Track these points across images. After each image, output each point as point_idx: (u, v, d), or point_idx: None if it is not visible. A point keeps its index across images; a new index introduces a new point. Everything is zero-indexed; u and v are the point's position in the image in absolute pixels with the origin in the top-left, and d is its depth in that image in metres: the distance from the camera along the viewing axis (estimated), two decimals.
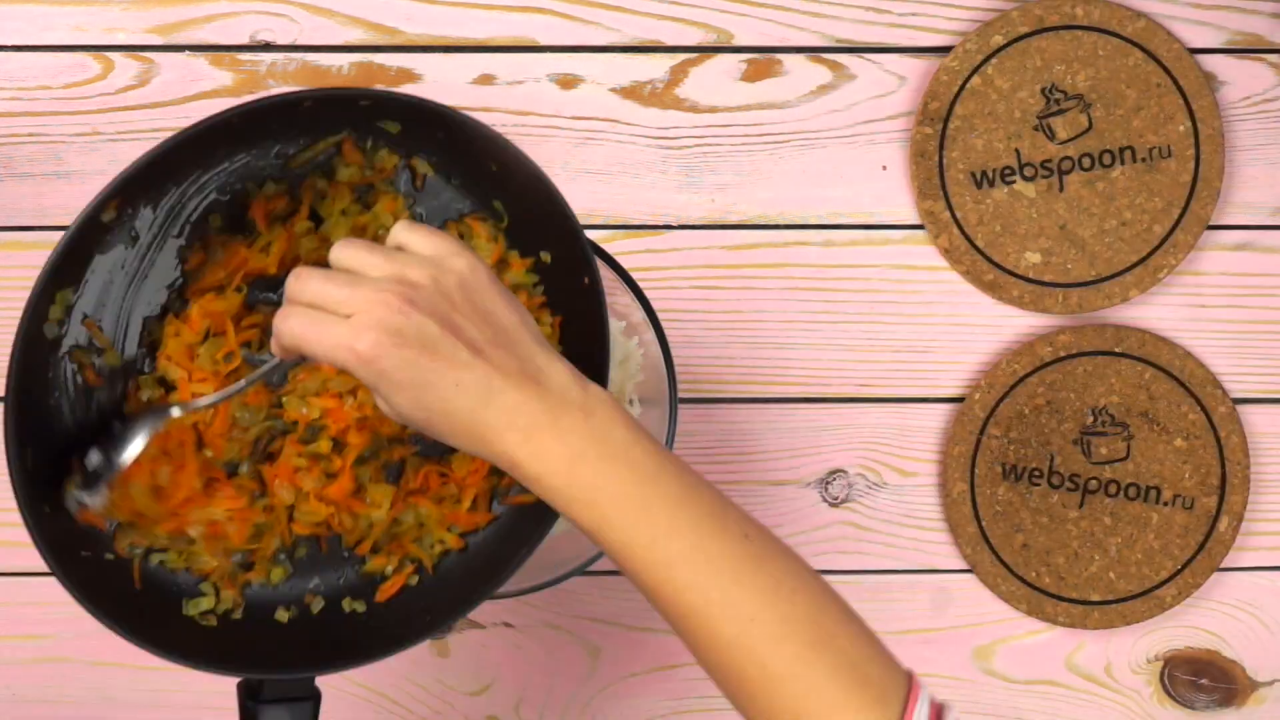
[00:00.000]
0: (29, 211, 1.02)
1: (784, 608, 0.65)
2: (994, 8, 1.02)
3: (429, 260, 0.65)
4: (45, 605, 1.04)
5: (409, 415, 0.64)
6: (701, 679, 1.06)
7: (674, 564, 0.65)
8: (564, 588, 1.04)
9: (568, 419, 0.65)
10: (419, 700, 1.06)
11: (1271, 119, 1.04)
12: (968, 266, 1.03)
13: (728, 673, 0.66)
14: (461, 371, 0.63)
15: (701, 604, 0.65)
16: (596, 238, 0.91)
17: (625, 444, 0.65)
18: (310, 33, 1.00)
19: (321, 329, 0.63)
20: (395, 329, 0.62)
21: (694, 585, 0.64)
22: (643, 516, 0.65)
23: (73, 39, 1.00)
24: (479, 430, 0.64)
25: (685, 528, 0.65)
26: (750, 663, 0.65)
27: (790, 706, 0.64)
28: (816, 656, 0.65)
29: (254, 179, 0.68)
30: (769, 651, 0.64)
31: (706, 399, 1.04)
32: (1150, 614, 1.05)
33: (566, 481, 0.64)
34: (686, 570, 0.64)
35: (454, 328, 0.63)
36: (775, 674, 0.64)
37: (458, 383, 0.63)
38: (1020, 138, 1.02)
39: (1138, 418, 1.04)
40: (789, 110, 1.02)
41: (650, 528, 0.65)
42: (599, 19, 1.01)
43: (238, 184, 0.69)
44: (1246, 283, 1.05)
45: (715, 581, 0.65)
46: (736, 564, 0.65)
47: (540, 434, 0.64)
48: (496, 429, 0.64)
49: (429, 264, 0.65)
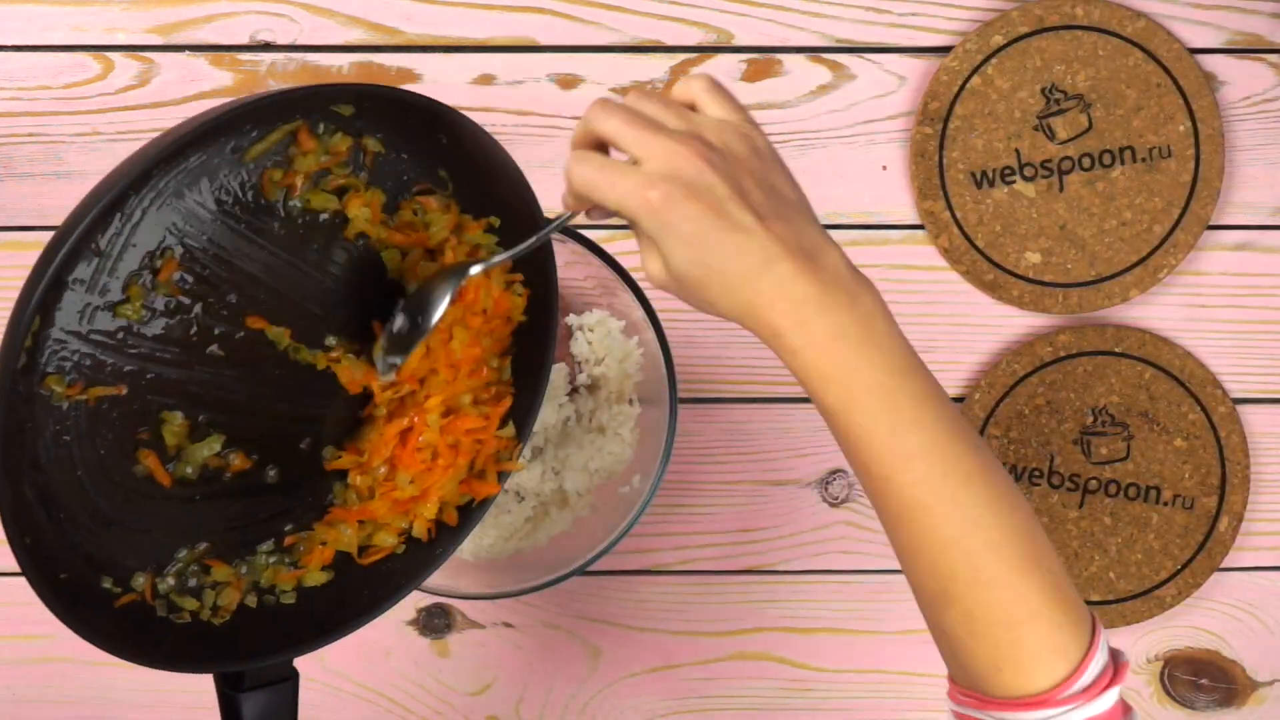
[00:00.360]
0: (29, 211, 1.02)
1: (1006, 518, 0.66)
2: (994, 8, 1.02)
3: (723, 124, 0.66)
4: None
5: (684, 270, 0.65)
6: (701, 679, 1.07)
7: (911, 456, 0.66)
8: (564, 588, 1.04)
9: (836, 298, 0.65)
10: (419, 700, 1.06)
11: (1271, 119, 1.04)
12: (968, 266, 1.03)
13: (939, 571, 0.67)
14: (744, 236, 0.64)
15: (932, 501, 0.66)
16: (596, 238, 0.91)
17: (885, 334, 0.66)
18: (310, 33, 1.00)
19: (615, 175, 0.64)
20: (688, 181, 0.64)
21: (927, 480, 0.66)
22: (891, 403, 0.66)
23: (73, 39, 1.00)
24: (750, 295, 0.65)
25: (928, 424, 0.66)
26: (965, 564, 0.66)
27: (996, 610, 0.66)
28: (1028, 568, 0.66)
29: (209, 175, 0.68)
30: (986, 555, 0.66)
31: (706, 399, 1.04)
32: (1150, 614, 1.05)
33: (825, 357, 0.65)
34: (922, 464, 0.66)
35: (742, 191, 0.65)
36: (988, 577, 0.66)
37: (739, 246, 0.64)
38: (1020, 138, 1.02)
39: (1138, 418, 1.04)
40: (789, 110, 1.02)
41: (896, 416, 0.66)
42: (599, 19, 1.01)
43: (191, 183, 0.68)
44: (1246, 283, 1.05)
45: (947, 481, 0.66)
46: (968, 469, 0.66)
47: (807, 308, 0.65)
48: (768, 296, 0.65)
49: (723, 127, 0.66)
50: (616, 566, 1.05)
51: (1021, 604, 0.66)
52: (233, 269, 0.69)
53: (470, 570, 0.95)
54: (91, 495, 0.67)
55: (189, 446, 0.70)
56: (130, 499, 0.68)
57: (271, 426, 0.72)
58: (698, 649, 1.06)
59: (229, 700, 0.72)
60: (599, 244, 0.89)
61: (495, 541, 0.95)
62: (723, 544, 1.05)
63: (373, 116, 0.71)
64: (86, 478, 0.66)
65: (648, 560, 1.06)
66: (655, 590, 1.06)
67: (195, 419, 0.70)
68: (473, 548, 0.95)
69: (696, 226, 0.64)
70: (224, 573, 0.72)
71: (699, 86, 0.68)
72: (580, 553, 0.92)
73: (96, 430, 0.66)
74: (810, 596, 1.06)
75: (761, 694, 1.07)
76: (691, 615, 1.06)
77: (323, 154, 0.71)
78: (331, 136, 0.71)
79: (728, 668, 1.06)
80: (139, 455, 0.68)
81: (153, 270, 0.66)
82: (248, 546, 0.73)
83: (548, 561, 0.94)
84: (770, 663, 1.06)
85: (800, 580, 1.06)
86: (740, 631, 1.06)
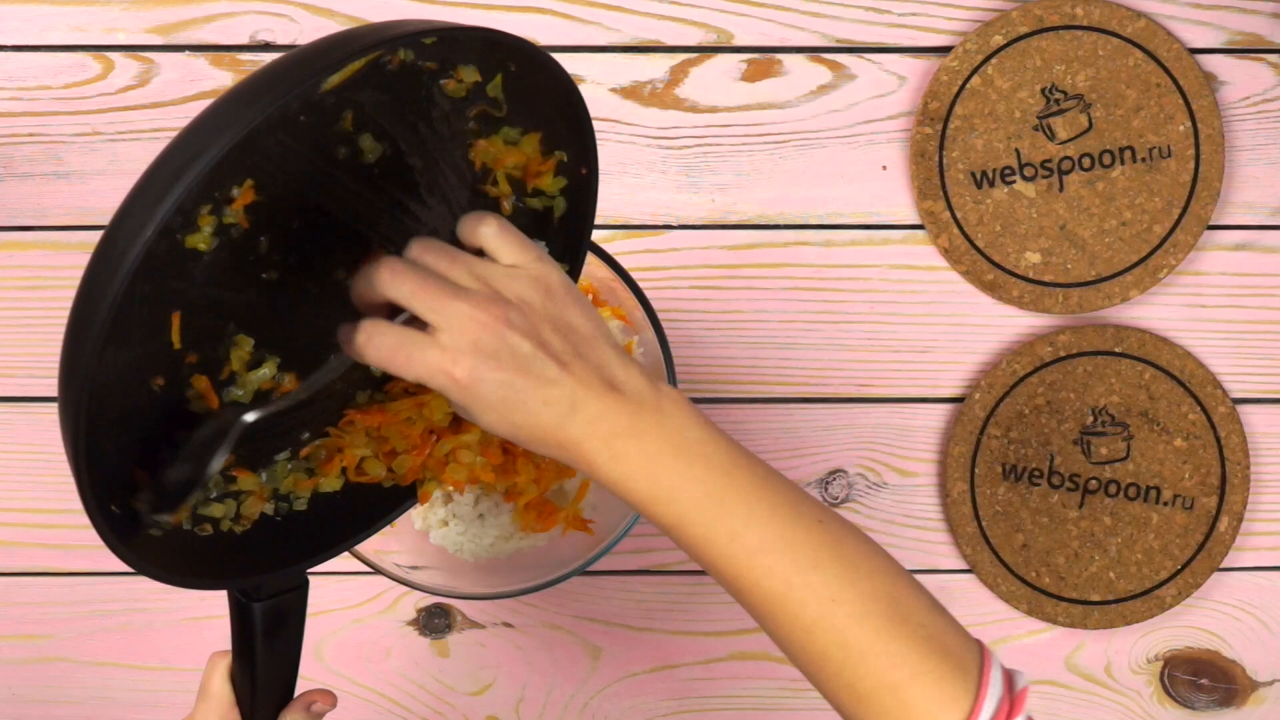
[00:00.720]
0: (29, 211, 1.02)
1: (863, 586, 0.67)
2: (994, 8, 1.02)
3: (514, 272, 0.66)
4: (45, 605, 1.05)
5: (494, 428, 0.66)
6: (701, 679, 1.07)
7: (754, 553, 0.67)
8: (564, 588, 1.04)
9: (644, 421, 0.67)
10: (419, 700, 1.06)
11: (1271, 119, 1.04)
12: (968, 266, 1.03)
13: (810, 654, 0.68)
14: (549, 389, 0.65)
15: (783, 590, 0.67)
16: (597, 238, 0.91)
17: (700, 441, 0.67)
18: (310, 33, 1.00)
19: (414, 351, 0.64)
20: (492, 352, 0.64)
21: (774, 572, 0.67)
22: (721, 510, 0.67)
23: (73, 39, 1.00)
24: (562, 441, 0.66)
25: (762, 518, 0.67)
26: (833, 642, 0.67)
27: (875, 679, 0.66)
28: (897, 630, 0.66)
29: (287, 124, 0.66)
30: (851, 629, 0.66)
31: (706, 399, 1.04)
32: (1150, 614, 1.05)
33: (647, 482, 0.67)
34: (766, 558, 0.67)
35: (542, 343, 0.65)
36: (858, 650, 0.66)
37: (545, 400, 0.65)
38: (1020, 138, 1.02)
39: (1138, 418, 1.04)
40: (789, 110, 1.02)
41: (729, 520, 0.67)
42: (599, 19, 1.01)
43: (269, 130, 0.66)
44: (1246, 283, 1.05)
45: (795, 567, 0.67)
46: (814, 549, 0.67)
47: (619, 440, 0.66)
48: (578, 439, 0.66)
49: (515, 276, 0.66)
50: (616, 566, 1.05)
51: (899, 667, 0.66)
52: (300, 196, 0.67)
53: (470, 570, 0.95)
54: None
55: (245, 372, 0.69)
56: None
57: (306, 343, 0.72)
58: (698, 649, 1.06)
59: (244, 610, 0.72)
60: (599, 244, 0.89)
61: (495, 541, 0.95)
62: None
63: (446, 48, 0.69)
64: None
65: (648, 560, 1.06)
66: (655, 590, 1.06)
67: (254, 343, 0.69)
68: (473, 548, 0.95)
69: (504, 393, 0.65)
70: (250, 481, 0.72)
71: (487, 232, 0.68)
72: (580, 553, 0.92)
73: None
74: None
75: (761, 694, 1.07)
76: (691, 615, 1.06)
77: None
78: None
79: (728, 668, 1.06)
80: (192, 380, 0.67)
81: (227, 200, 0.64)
82: (266, 456, 0.73)
83: (548, 561, 0.94)
84: (770, 663, 1.06)
85: None
86: (740, 631, 1.06)
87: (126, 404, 0.66)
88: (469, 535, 0.95)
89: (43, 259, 1.02)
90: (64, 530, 1.04)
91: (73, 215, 1.02)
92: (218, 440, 0.69)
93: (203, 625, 1.05)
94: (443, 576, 0.94)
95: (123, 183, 1.01)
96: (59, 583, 1.04)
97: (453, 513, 0.94)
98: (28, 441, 1.03)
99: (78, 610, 1.05)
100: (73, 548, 1.04)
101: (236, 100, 0.60)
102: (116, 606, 1.04)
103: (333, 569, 0.95)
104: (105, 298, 0.60)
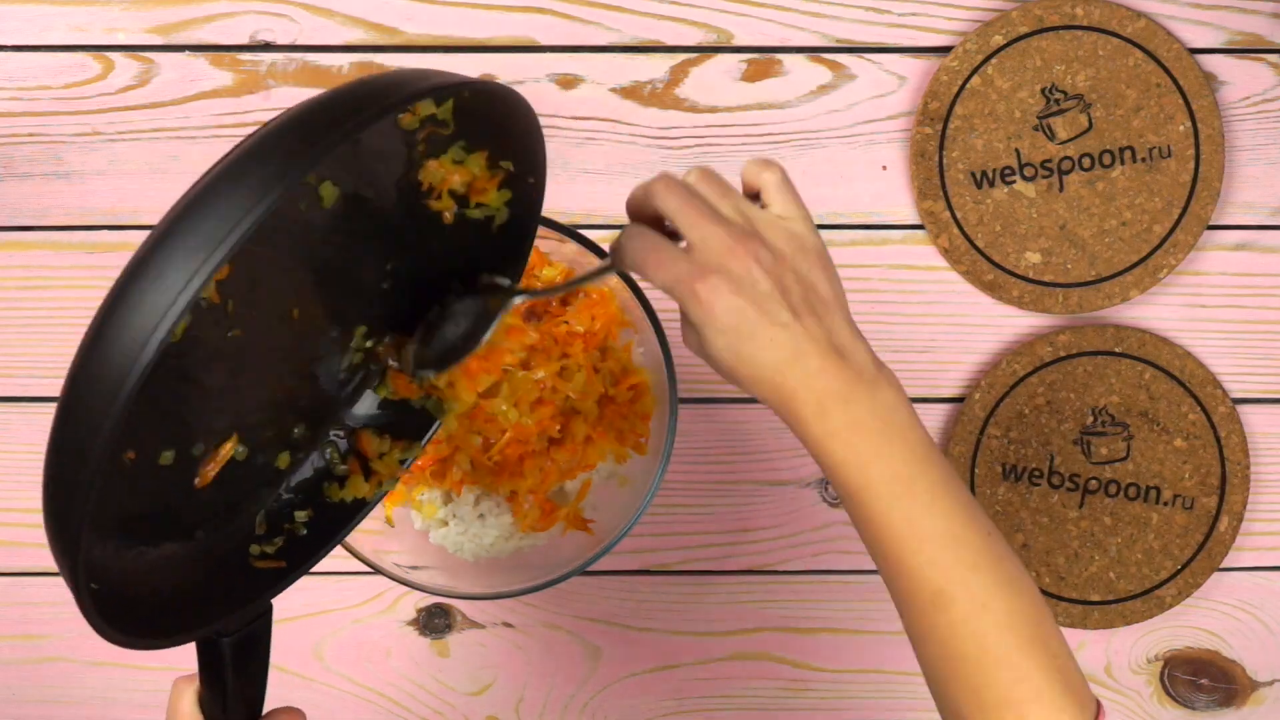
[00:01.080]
0: (29, 211, 1.02)
1: (1013, 602, 0.70)
2: (994, 8, 1.02)
3: (777, 222, 0.70)
4: (45, 605, 1.05)
5: (718, 355, 0.69)
6: (701, 679, 1.07)
7: (924, 541, 0.69)
8: (564, 588, 1.05)
9: (857, 392, 0.70)
10: (419, 700, 1.06)
11: (1271, 119, 1.04)
12: (968, 266, 1.03)
13: (949, 651, 0.70)
14: (778, 330, 0.68)
15: (943, 583, 0.69)
16: (597, 238, 0.91)
17: (904, 425, 0.70)
18: (310, 33, 1.00)
19: (666, 258, 0.68)
20: (735, 277, 0.68)
21: (938, 563, 0.69)
22: (907, 492, 0.69)
23: (73, 39, 1.00)
24: (778, 384, 0.69)
25: (940, 511, 0.70)
26: (973, 644, 0.69)
27: (1001, 690, 0.69)
28: (1033, 650, 0.69)
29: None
30: (992, 636, 0.69)
31: (706, 399, 1.04)
32: (1150, 614, 1.05)
33: (844, 445, 0.69)
34: (934, 549, 0.69)
35: (783, 287, 0.69)
36: (994, 658, 0.69)
37: (773, 339, 0.68)
38: (1020, 138, 1.02)
39: (1138, 418, 1.04)
40: (789, 110, 1.02)
41: (911, 504, 0.69)
42: (599, 19, 1.01)
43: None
44: (1246, 283, 1.05)
45: (958, 565, 0.69)
46: (978, 554, 0.70)
47: (829, 400, 0.69)
48: (793, 387, 0.69)
49: (777, 226, 0.70)
50: (616, 566, 1.05)
51: (1027, 684, 0.69)
52: (277, 264, 0.67)
53: (470, 570, 0.95)
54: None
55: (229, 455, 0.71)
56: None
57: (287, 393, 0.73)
58: (698, 649, 1.06)
59: (212, 646, 0.72)
60: (599, 244, 0.89)
61: (495, 541, 0.95)
62: (723, 544, 1.05)
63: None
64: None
65: (648, 560, 1.06)
66: (655, 590, 1.06)
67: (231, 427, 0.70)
68: (473, 547, 0.95)
69: (736, 319, 0.68)
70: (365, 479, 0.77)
71: (770, 180, 0.72)
72: (580, 553, 0.92)
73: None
74: (810, 596, 1.06)
75: (761, 694, 1.07)
76: (691, 615, 1.06)
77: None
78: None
79: (728, 668, 1.06)
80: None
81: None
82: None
83: (548, 561, 0.94)
84: (770, 663, 1.06)
85: (800, 580, 1.06)
86: (740, 631, 1.06)
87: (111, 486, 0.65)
88: (469, 535, 0.95)
89: (43, 259, 1.02)
90: None
91: (73, 215, 1.02)
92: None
93: None
94: (443, 576, 0.94)
95: (122, 183, 1.01)
96: (59, 583, 1.04)
97: (453, 513, 0.94)
98: (28, 441, 1.03)
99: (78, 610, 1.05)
100: None
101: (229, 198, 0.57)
102: None
103: (333, 569, 0.95)
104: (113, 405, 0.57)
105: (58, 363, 1.03)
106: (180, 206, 0.57)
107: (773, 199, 0.71)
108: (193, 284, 0.56)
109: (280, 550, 0.76)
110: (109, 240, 1.02)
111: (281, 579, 0.76)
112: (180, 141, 1.01)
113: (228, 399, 0.70)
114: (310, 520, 0.77)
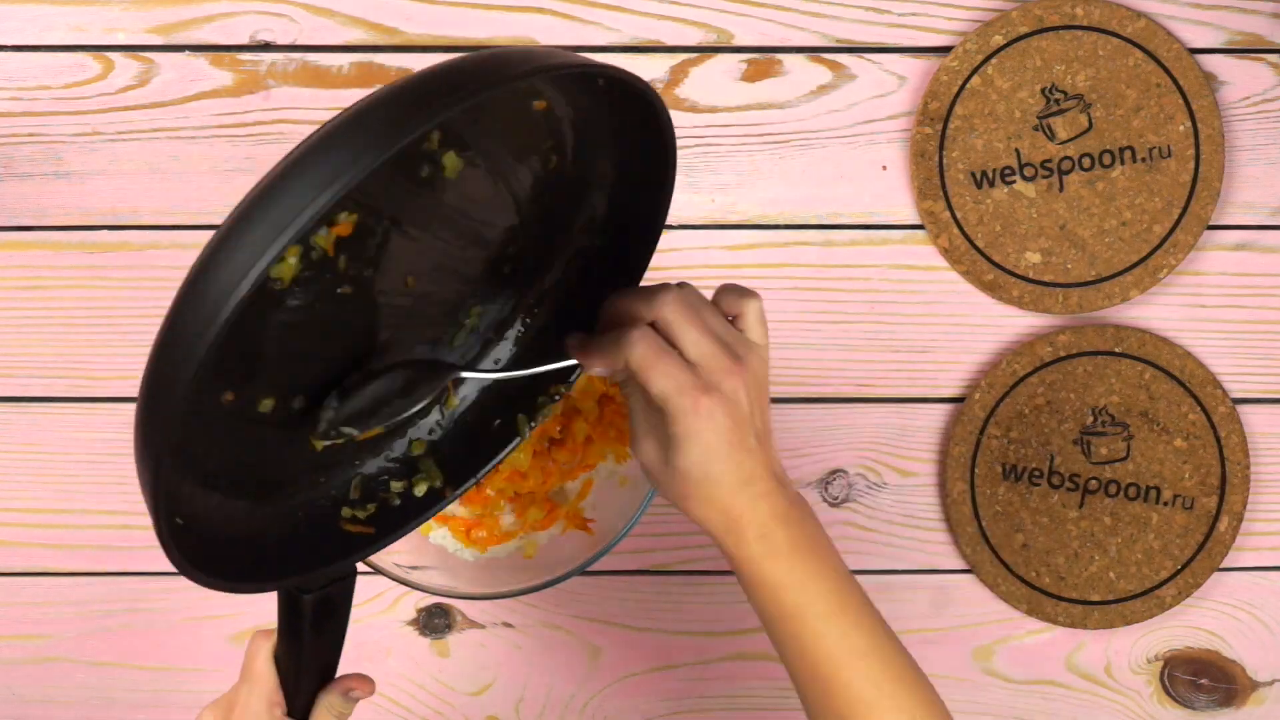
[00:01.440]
0: (29, 211, 1.02)
1: (937, 711, 0.74)
2: (994, 8, 1.02)
3: (756, 349, 0.73)
4: (45, 605, 1.05)
5: (686, 469, 0.71)
6: (701, 679, 1.07)
7: (857, 655, 0.73)
8: (564, 588, 1.04)
9: (795, 514, 0.73)
10: (419, 700, 1.06)
11: (1271, 119, 1.04)
12: (968, 266, 1.03)
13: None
14: (745, 455, 0.71)
15: (874, 696, 0.73)
16: None
17: (827, 547, 0.74)
18: (310, 33, 1.00)
19: (673, 367, 0.70)
20: (732, 397, 0.70)
21: (870, 677, 0.73)
22: (840, 608, 0.73)
23: (73, 39, 1.00)
24: (728, 505, 0.72)
25: (868, 627, 0.74)
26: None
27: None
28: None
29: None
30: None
31: None
32: (1150, 614, 1.05)
33: (786, 566, 0.72)
34: (864, 663, 0.73)
35: (751, 415, 0.72)
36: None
37: (739, 462, 0.71)
38: (1020, 138, 1.02)
39: (1138, 418, 1.04)
40: (789, 110, 1.02)
41: (844, 619, 0.73)
42: (599, 19, 1.01)
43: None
44: (1246, 283, 1.05)
45: (886, 677, 0.73)
46: (902, 670, 0.74)
47: (774, 522, 0.72)
48: (741, 509, 0.72)
49: (756, 353, 0.72)
50: (616, 566, 1.05)
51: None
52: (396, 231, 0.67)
53: (470, 570, 0.95)
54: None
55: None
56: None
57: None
58: (698, 649, 1.06)
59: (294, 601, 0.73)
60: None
61: None
62: None
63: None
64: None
65: (648, 560, 1.06)
66: (655, 590, 1.06)
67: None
68: (473, 547, 0.95)
69: (720, 439, 0.70)
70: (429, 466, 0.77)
71: (752, 309, 0.74)
72: (580, 553, 0.92)
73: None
74: None
75: (761, 694, 1.07)
76: (691, 615, 1.06)
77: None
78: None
79: (728, 668, 1.06)
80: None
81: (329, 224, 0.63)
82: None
83: (548, 561, 0.94)
84: (770, 663, 1.06)
85: None
86: (740, 631, 1.06)
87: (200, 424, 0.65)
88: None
89: (43, 259, 1.02)
90: (64, 530, 1.04)
91: (73, 215, 1.02)
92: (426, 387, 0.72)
93: (203, 625, 1.05)
94: (443, 576, 0.94)
95: (122, 183, 1.01)
96: (59, 583, 1.04)
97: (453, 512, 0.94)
98: (28, 441, 1.03)
99: (78, 610, 1.05)
100: (73, 548, 1.04)
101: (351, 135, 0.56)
102: (116, 606, 1.04)
103: None
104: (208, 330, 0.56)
105: (58, 363, 1.03)
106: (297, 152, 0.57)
107: (751, 327, 0.74)
108: (299, 220, 0.55)
109: (371, 517, 0.76)
110: (108, 240, 1.02)
111: (370, 544, 0.76)
112: (180, 141, 1.01)
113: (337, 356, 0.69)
114: (404, 491, 0.77)
